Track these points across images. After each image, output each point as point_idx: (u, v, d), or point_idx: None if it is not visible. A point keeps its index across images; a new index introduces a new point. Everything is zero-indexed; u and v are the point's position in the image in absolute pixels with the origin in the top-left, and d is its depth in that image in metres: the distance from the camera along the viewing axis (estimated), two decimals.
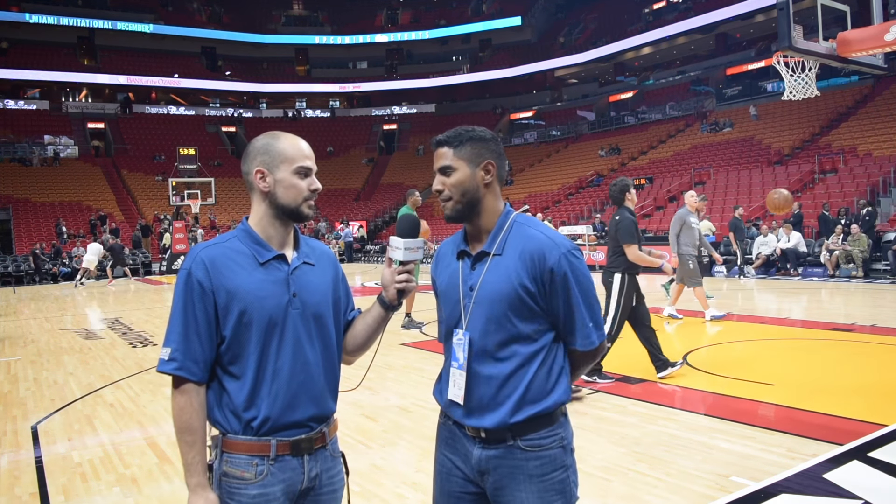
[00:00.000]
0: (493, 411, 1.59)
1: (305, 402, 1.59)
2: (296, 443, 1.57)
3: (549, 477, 1.60)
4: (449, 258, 1.75)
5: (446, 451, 1.71)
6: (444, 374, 1.74)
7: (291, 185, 1.61)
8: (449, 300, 1.70)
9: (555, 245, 1.60)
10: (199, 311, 1.54)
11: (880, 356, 6.19)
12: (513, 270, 1.60)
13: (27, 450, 4.23)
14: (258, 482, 1.54)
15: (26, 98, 39.17)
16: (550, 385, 1.62)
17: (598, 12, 42.02)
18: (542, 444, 1.60)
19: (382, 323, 1.71)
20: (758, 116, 25.76)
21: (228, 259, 1.58)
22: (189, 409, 1.54)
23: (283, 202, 1.62)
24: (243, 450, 1.55)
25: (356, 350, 1.74)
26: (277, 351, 1.56)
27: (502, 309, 1.59)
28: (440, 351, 1.76)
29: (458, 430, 1.67)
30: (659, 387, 5.20)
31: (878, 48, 7.63)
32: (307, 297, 1.62)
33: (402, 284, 1.62)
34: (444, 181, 1.67)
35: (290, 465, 1.57)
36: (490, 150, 1.68)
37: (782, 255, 14.62)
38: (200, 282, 1.55)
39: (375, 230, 33.47)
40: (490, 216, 1.68)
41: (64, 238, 25.64)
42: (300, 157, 1.62)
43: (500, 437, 1.60)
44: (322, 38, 45.83)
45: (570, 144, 35.47)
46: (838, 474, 3.25)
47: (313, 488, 1.61)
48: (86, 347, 8.28)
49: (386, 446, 3.99)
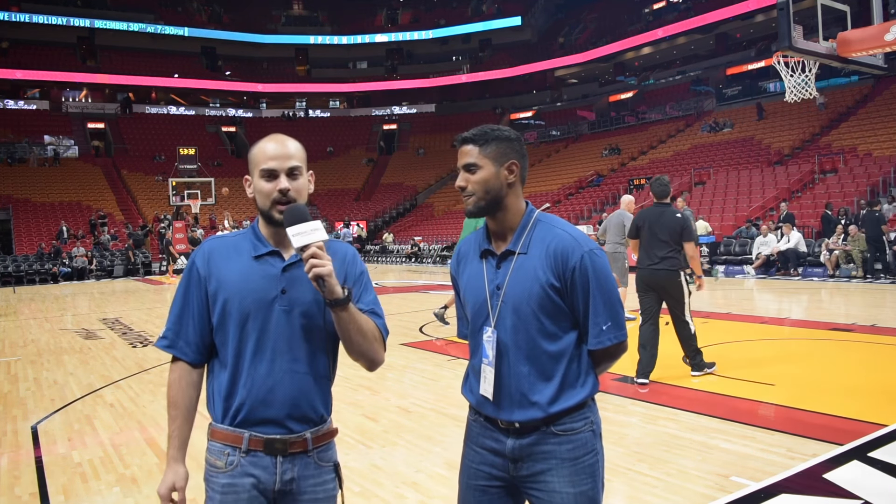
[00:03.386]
0: (527, 408, 1.63)
1: (281, 400, 1.57)
2: (269, 441, 1.56)
3: (581, 461, 1.63)
4: (471, 257, 1.77)
5: (476, 446, 1.73)
6: (471, 372, 1.76)
7: (259, 189, 1.61)
8: (475, 299, 1.72)
9: (578, 244, 1.63)
10: (194, 296, 1.63)
11: (880, 356, 6.19)
12: (539, 269, 1.63)
13: (27, 450, 4.23)
14: (228, 472, 1.57)
15: (26, 98, 39.16)
16: (581, 380, 1.66)
17: (598, 12, 42.01)
18: (574, 428, 1.64)
19: (338, 322, 1.55)
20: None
21: (226, 250, 1.65)
22: (175, 385, 1.64)
23: (259, 207, 1.64)
24: (219, 438, 1.60)
25: (350, 353, 1.65)
26: (256, 345, 1.57)
27: (531, 308, 1.62)
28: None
29: (491, 425, 1.70)
30: (659, 387, 5.20)
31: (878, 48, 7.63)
32: (298, 295, 1.59)
33: (311, 272, 1.47)
34: (468, 178, 1.69)
35: (261, 463, 1.57)
36: (514, 150, 1.70)
37: (781, 256, 14.61)
38: (199, 269, 1.63)
39: (375, 230, 33.48)
40: (513, 215, 1.70)
41: (64, 238, 25.65)
42: (264, 160, 1.60)
43: (535, 426, 1.64)
44: (322, 38, 45.81)
45: (570, 144, 35.47)
46: (838, 474, 3.25)
47: (290, 493, 1.58)
48: (86, 347, 8.28)
49: (386, 446, 3.99)
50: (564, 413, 1.63)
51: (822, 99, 23.92)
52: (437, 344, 7.42)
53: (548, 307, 1.62)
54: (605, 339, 1.63)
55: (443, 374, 5.98)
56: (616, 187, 26.72)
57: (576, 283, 1.62)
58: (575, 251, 1.62)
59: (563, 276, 1.62)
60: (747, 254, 15.82)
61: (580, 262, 1.61)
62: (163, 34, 41.31)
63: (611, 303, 1.64)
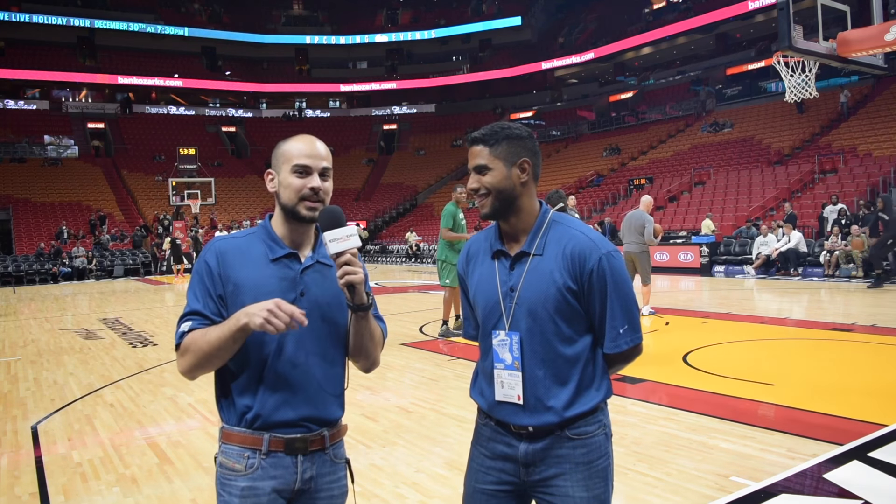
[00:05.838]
0: (542, 412, 1.60)
1: (301, 401, 1.58)
2: (289, 441, 1.57)
3: (595, 464, 1.61)
4: (482, 257, 1.72)
5: (486, 449, 1.70)
6: (481, 374, 1.73)
7: (287, 184, 1.61)
8: (486, 300, 1.68)
9: (595, 246, 1.60)
10: (209, 286, 1.58)
11: (880, 356, 6.19)
12: (556, 271, 1.60)
13: (27, 450, 4.23)
14: (248, 475, 1.55)
15: (26, 98, 39.18)
16: (596, 384, 1.64)
17: (598, 12, 42.02)
18: (588, 432, 1.62)
19: (357, 326, 1.60)
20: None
21: (240, 252, 1.61)
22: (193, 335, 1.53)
23: (283, 202, 1.62)
24: (237, 441, 1.57)
25: (354, 355, 1.68)
26: (276, 348, 1.56)
27: (547, 311, 1.59)
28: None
29: (503, 429, 1.67)
30: (659, 387, 5.20)
31: (878, 48, 7.64)
32: (316, 297, 1.60)
33: (343, 279, 1.51)
34: (479, 180, 1.65)
35: (282, 463, 1.56)
36: (526, 149, 1.66)
37: (781, 256, 14.61)
38: (211, 266, 1.59)
39: (375, 230, 33.48)
40: (527, 215, 1.67)
41: (64, 238, 25.66)
42: (298, 156, 1.61)
43: (549, 430, 1.61)
44: (322, 38, 45.84)
45: (570, 144, 35.48)
46: (838, 474, 3.25)
47: (308, 491, 1.60)
48: (86, 347, 8.28)
49: (386, 446, 3.99)
50: (579, 417, 1.60)
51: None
52: (437, 344, 7.43)
53: (564, 310, 1.59)
54: (623, 343, 1.61)
55: (443, 374, 5.98)
56: (616, 187, 26.73)
57: (593, 286, 1.59)
58: (593, 253, 1.59)
59: (580, 278, 1.59)
60: (747, 254, 15.82)
61: (598, 265, 1.58)
62: (163, 34, 41.35)
63: (628, 306, 1.62)
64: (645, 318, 8.38)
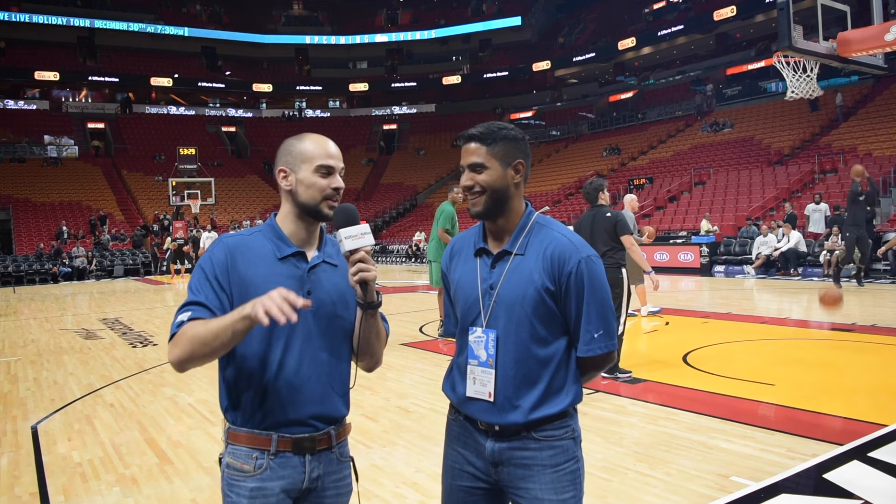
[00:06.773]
0: (510, 411, 1.61)
1: (308, 400, 1.58)
2: (297, 441, 1.57)
3: (562, 467, 1.61)
4: (465, 254, 1.74)
5: (458, 446, 1.71)
6: (456, 370, 1.74)
7: (311, 183, 1.61)
8: (465, 297, 1.69)
9: (576, 249, 1.61)
10: (217, 279, 1.56)
11: (880, 356, 6.19)
12: (535, 272, 1.60)
13: (27, 450, 4.23)
14: (257, 475, 1.55)
15: (26, 98, 39.17)
16: (567, 387, 1.63)
17: (598, 12, 42.03)
18: (555, 435, 1.62)
19: (366, 324, 1.62)
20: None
21: (248, 250, 1.60)
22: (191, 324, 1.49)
23: (303, 200, 1.62)
24: (245, 442, 1.57)
25: (359, 354, 1.68)
26: (283, 347, 1.56)
27: (524, 310, 1.60)
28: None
29: (471, 426, 1.68)
30: (659, 387, 5.20)
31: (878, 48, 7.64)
32: (323, 296, 1.61)
33: (357, 276, 1.52)
34: (474, 178, 1.65)
35: (290, 463, 1.57)
36: (520, 150, 1.67)
37: (781, 256, 14.61)
38: (222, 260, 1.58)
39: (376, 230, 33.49)
40: (514, 216, 1.67)
41: (64, 239, 25.65)
42: (321, 156, 1.62)
43: (515, 431, 1.62)
44: (322, 38, 45.85)
45: (570, 144, 35.48)
46: (838, 474, 3.25)
47: (315, 490, 1.61)
48: (86, 347, 8.27)
49: (386, 446, 3.99)
50: (546, 420, 1.60)
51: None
52: (437, 344, 7.43)
53: (541, 311, 1.60)
54: (596, 348, 1.61)
55: (442, 374, 5.97)
56: (616, 187, 26.72)
57: (570, 289, 1.59)
58: (572, 256, 1.60)
59: (558, 280, 1.60)
60: (747, 254, 15.82)
61: (577, 268, 1.59)
62: (163, 34, 41.36)
63: (604, 311, 1.62)
64: (645, 319, 8.39)
